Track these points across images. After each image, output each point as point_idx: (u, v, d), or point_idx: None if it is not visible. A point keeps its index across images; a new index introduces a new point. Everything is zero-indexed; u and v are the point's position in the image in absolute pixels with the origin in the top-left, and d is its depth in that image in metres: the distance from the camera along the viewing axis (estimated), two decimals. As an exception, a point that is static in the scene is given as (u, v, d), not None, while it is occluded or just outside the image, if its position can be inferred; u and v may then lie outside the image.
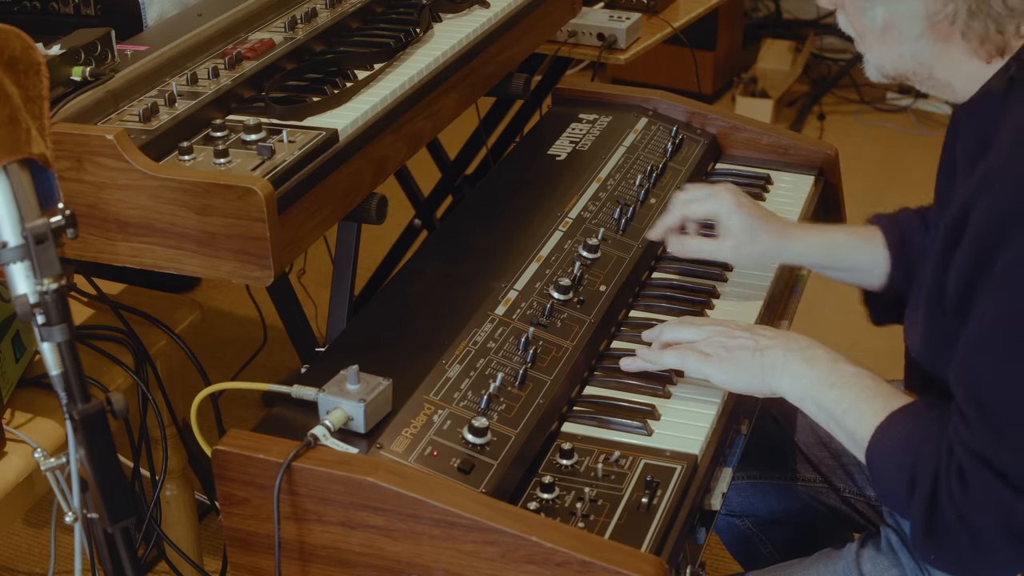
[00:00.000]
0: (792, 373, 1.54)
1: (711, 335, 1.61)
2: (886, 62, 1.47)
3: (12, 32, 1.19)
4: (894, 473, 1.42)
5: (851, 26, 1.48)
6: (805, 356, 1.54)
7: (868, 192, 4.21)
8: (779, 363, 1.55)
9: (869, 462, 1.46)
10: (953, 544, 1.38)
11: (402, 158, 1.85)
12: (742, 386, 1.58)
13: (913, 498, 1.40)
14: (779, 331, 1.61)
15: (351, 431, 1.46)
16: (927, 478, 1.38)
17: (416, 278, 1.79)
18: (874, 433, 1.45)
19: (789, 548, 1.96)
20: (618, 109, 2.25)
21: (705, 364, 1.59)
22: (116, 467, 1.20)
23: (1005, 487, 1.33)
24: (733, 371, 1.57)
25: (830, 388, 1.50)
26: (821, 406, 1.51)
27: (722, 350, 1.58)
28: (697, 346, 1.61)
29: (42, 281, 1.13)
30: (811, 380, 1.52)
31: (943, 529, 1.38)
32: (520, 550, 1.34)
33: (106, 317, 2.00)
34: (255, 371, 3.14)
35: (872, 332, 2.02)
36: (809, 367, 1.53)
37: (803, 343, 1.56)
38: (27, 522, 2.77)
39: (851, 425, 1.48)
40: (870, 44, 1.47)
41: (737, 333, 1.59)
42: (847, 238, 1.82)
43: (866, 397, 1.48)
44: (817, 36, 5.24)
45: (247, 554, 1.49)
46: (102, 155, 1.52)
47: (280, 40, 1.89)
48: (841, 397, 1.49)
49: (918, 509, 1.39)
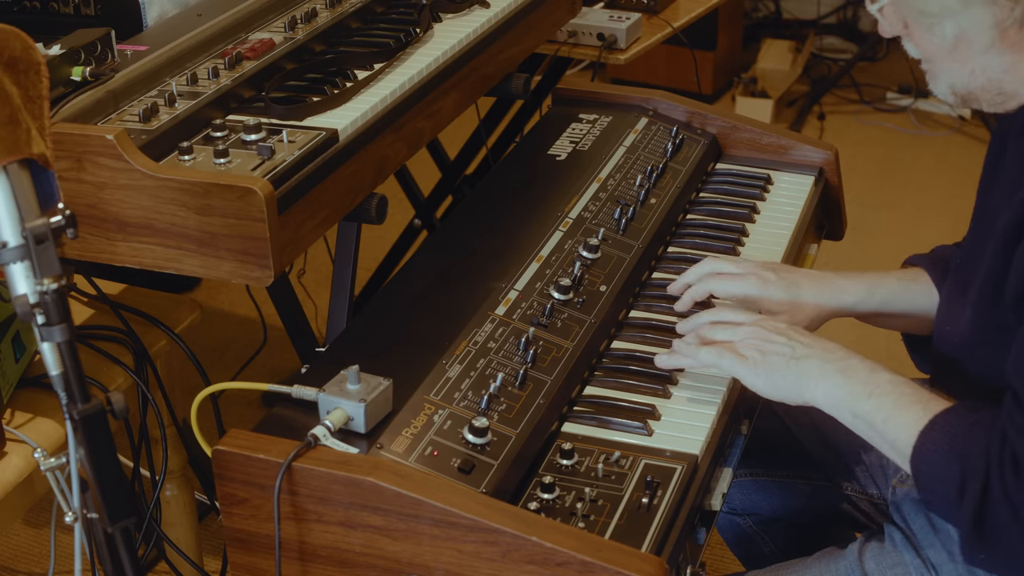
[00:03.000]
0: (829, 384, 1.52)
1: (748, 335, 1.59)
2: (958, 80, 1.46)
3: (12, 32, 1.19)
4: (943, 476, 1.41)
5: (918, 49, 1.47)
6: (841, 367, 1.52)
7: (868, 192, 4.21)
8: (815, 374, 1.53)
9: (915, 468, 1.44)
10: (1006, 540, 1.37)
11: (402, 158, 1.85)
12: (775, 392, 1.57)
13: (964, 498, 1.38)
14: (816, 338, 1.58)
15: (351, 431, 1.46)
16: (978, 476, 1.37)
17: (416, 278, 1.79)
18: (918, 438, 1.44)
19: (791, 547, 1.96)
20: (618, 109, 2.25)
21: (740, 366, 1.57)
22: (116, 467, 1.20)
23: None
24: (767, 377, 1.56)
25: (868, 398, 1.49)
26: (859, 416, 1.50)
27: (757, 353, 1.56)
28: (728, 346, 1.59)
29: (42, 281, 1.13)
30: (848, 391, 1.51)
31: (996, 525, 1.37)
32: (520, 550, 1.33)
33: (106, 317, 2.00)
34: (255, 371, 3.14)
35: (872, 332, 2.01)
36: (845, 378, 1.51)
37: (840, 353, 1.54)
38: (27, 522, 2.77)
39: (892, 434, 1.47)
40: (941, 63, 1.46)
41: (774, 337, 1.57)
42: (899, 283, 1.78)
43: (905, 404, 1.47)
44: (817, 36, 5.24)
45: (247, 554, 1.49)
46: (102, 155, 1.52)
47: (280, 40, 1.89)
48: (880, 406, 1.48)
49: (968, 508, 1.38)
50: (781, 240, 2.00)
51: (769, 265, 1.78)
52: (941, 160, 4.43)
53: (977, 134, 4.54)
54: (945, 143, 4.54)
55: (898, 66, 4.97)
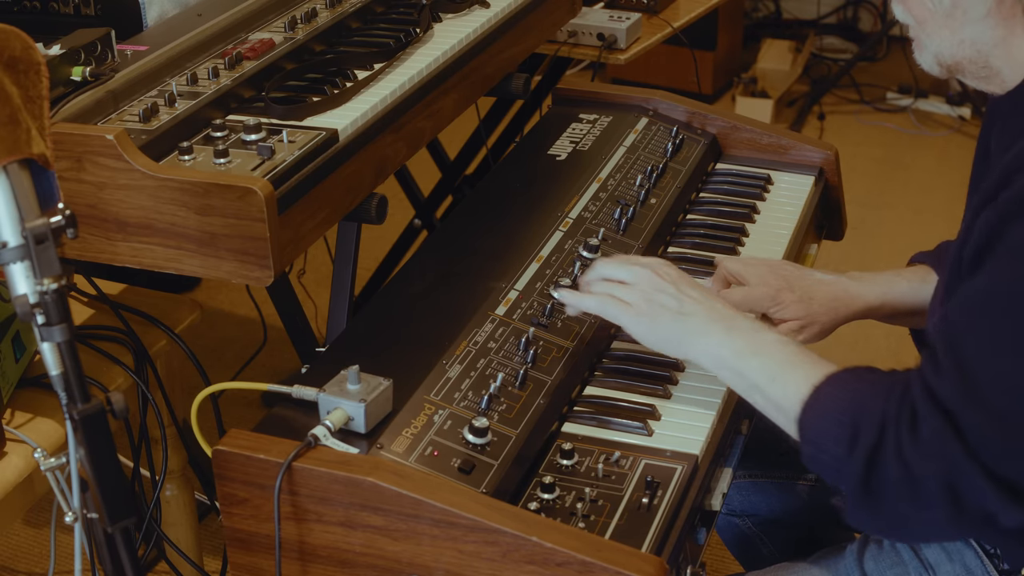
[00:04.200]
0: (712, 342, 1.51)
1: (638, 280, 1.57)
2: (945, 48, 1.45)
3: (12, 32, 1.19)
4: (833, 431, 1.39)
5: (910, 13, 1.46)
6: (727, 325, 1.52)
7: (868, 192, 4.21)
8: (699, 330, 1.52)
9: (803, 422, 1.42)
10: (891, 500, 1.35)
11: (402, 158, 1.85)
12: (656, 343, 1.56)
13: (854, 452, 1.36)
14: (705, 295, 1.56)
15: (351, 431, 1.46)
16: (872, 431, 1.35)
17: (416, 278, 1.79)
18: (811, 393, 1.42)
19: (790, 548, 1.96)
20: (618, 109, 2.25)
21: (623, 314, 1.56)
22: (116, 467, 1.20)
23: (958, 442, 1.30)
24: (650, 326, 1.55)
25: (753, 356, 1.48)
26: (742, 375, 1.49)
27: (643, 302, 1.55)
28: (620, 291, 1.58)
29: (42, 281, 1.13)
30: (731, 350, 1.50)
31: (883, 483, 1.35)
32: (520, 550, 1.33)
33: (106, 317, 2.00)
34: (255, 371, 3.14)
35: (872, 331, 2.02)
36: (729, 336, 1.51)
37: (726, 312, 1.54)
38: (27, 522, 2.77)
39: (776, 391, 1.46)
40: (931, 29, 1.45)
41: (663, 286, 1.56)
42: (908, 284, 1.78)
43: (793, 363, 1.46)
44: (817, 36, 5.25)
45: (247, 554, 1.49)
46: (102, 155, 1.52)
47: (280, 40, 1.89)
48: (765, 365, 1.47)
49: (858, 464, 1.36)
50: (781, 240, 2.00)
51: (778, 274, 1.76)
52: (941, 160, 4.43)
53: (977, 134, 4.53)
54: (945, 143, 4.54)
55: (898, 66, 4.97)
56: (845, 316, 1.76)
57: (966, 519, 1.34)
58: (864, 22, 5.32)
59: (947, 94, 4.71)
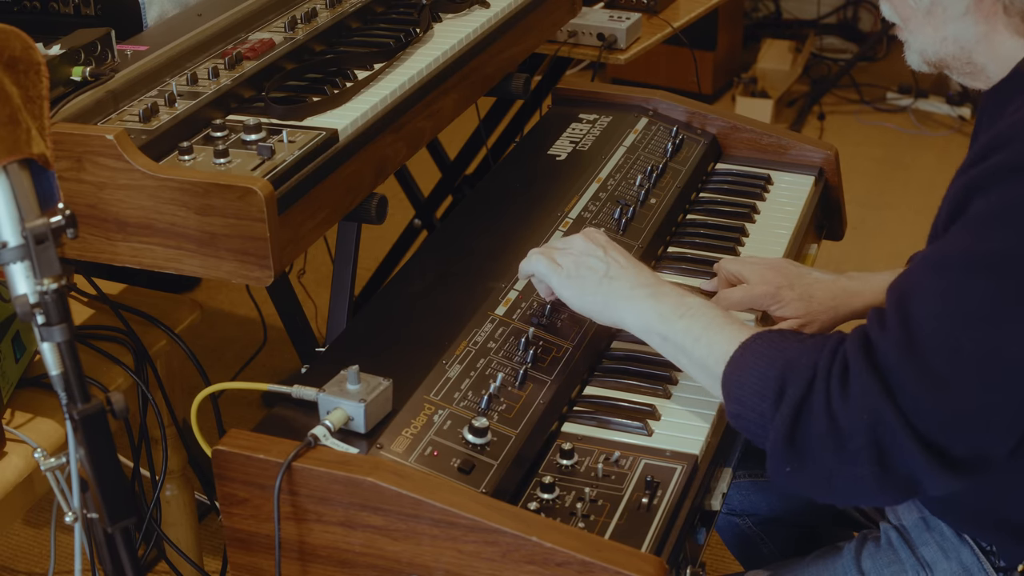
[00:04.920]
0: (639, 308, 1.53)
1: (570, 245, 1.61)
2: (929, 46, 1.46)
3: (12, 32, 1.19)
4: (759, 385, 1.39)
5: (895, 12, 1.48)
6: (652, 292, 1.54)
7: (868, 192, 4.21)
8: (624, 295, 1.54)
9: (727, 380, 1.43)
10: (815, 453, 1.35)
11: (402, 158, 1.85)
12: (583, 307, 1.59)
13: (780, 405, 1.36)
14: (633, 262, 1.59)
15: (351, 431, 1.46)
16: (799, 385, 1.35)
17: (416, 278, 1.79)
18: (736, 351, 1.43)
19: (789, 547, 1.96)
20: (618, 109, 2.25)
21: (554, 274, 1.60)
22: (116, 467, 1.20)
23: (888, 399, 1.30)
24: (577, 289, 1.58)
25: (679, 319, 1.50)
26: (668, 338, 1.51)
27: (572, 265, 1.58)
28: (554, 254, 1.61)
29: (42, 281, 1.13)
30: (657, 314, 1.52)
31: (808, 436, 1.35)
32: (520, 550, 1.34)
33: (106, 317, 2.00)
34: (255, 371, 3.14)
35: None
36: (656, 301, 1.52)
37: (652, 279, 1.56)
38: (27, 522, 2.77)
39: (701, 352, 1.47)
40: (914, 27, 1.46)
41: (592, 250, 1.59)
42: None
43: (717, 325, 1.48)
44: (817, 36, 5.25)
45: (247, 554, 1.49)
46: (102, 155, 1.52)
47: (280, 40, 1.89)
48: (690, 327, 1.49)
49: (784, 417, 1.35)
50: (781, 240, 2.00)
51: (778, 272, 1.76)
52: (941, 160, 4.43)
53: (977, 134, 4.53)
54: (945, 143, 4.54)
55: (898, 66, 4.96)
56: (844, 315, 1.76)
57: (891, 480, 1.34)
58: (864, 22, 5.32)
59: (947, 94, 4.71)
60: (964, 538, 1.57)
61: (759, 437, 1.42)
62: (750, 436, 1.45)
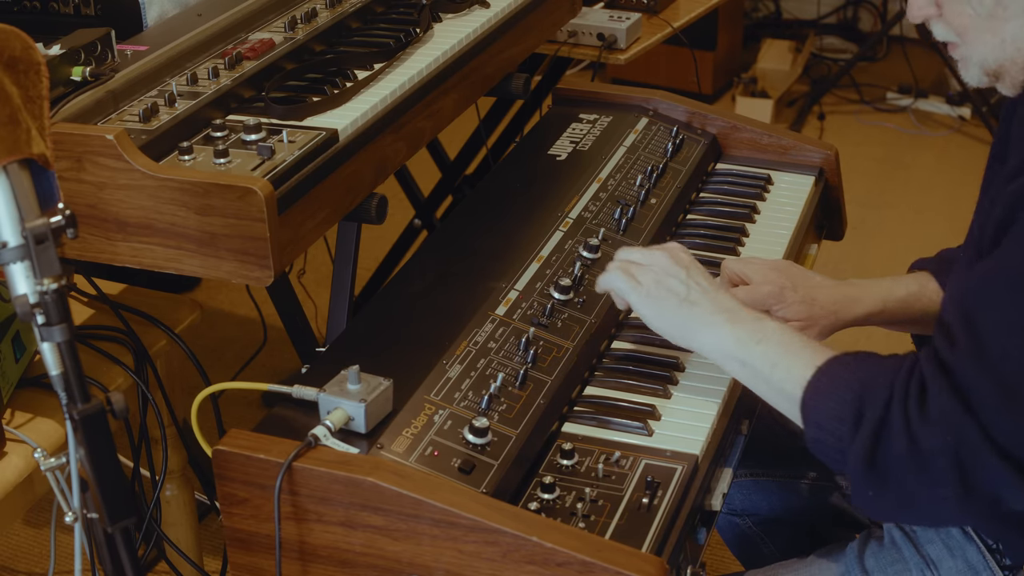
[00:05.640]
0: (716, 333, 1.52)
1: (652, 262, 1.59)
2: (989, 53, 1.43)
3: (12, 32, 1.19)
4: (837, 409, 1.39)
5: (950, 28, 1.46)
6: (730, 317, 1.53)
7: (868, 192, 4.21)
8: (703, 320, 1.53)
9: (805, 405, 1.42)
10: (897, 476, 1.35)
11: (402, 158, 1.85)
12: (660, 327, 1.58)
13: (859, 428, 1.36)
14: (715, 286, 1.58)
15: (352, 431, 1.46)
16: (878, 406, 1.35)
17: (416, 278, 1.79)
18: (813, 375, 1.42)
19: (790, 547, 1.96)
20: (618, 109, 2.25)
21: (632, 291, 1.58)
22: (116, 467, 1.20)
23: (969, 418, 1.30)
24: (656, 310, 1.57)
25: (756, 344, 1.49)
26: (746, 363, 1.50)
27: (653, 284, 1.57)
28: (634, 270, 1.59)
29: (42, 281, 1.13)
30: (735, 339, 1.51)
31: (889, 458, 1.34)
32: (520, 550, 1.33)
33: (106, 317, 2.00)
34: (255, 371, 3.14)
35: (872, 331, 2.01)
36: (733, 326, 1.52)
37: (731, 304, 1.55)
38: (27, 522, 2.77)
39: (780, 376, 1.46)
40: (972, 38, 1.44)
41: (675, 271, 1.57)
42: (907, 291, 1.78)
43: (795, 349, 1.47)
44: (817, 36, 5.25)
45: (247, 554, 1.49)
46: (102, 155, 1.52)
47: (280, 40, 1.89)
48: (767, 352, 1.48)
49: (864, 438, 1.35)
50: (781, 240, 2.00)
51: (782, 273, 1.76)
52: (941, 160, 4.43)
53: (977, 134, 4.53)
54: (945, 143, 4.54)
55: (898, 66, 4.97)
56: (845, 321, 1.76)
57: (974, 498, 1.34)
58: (864, 22, 5.32)
59: (947, 94, 4.71)
60: (970, 536, 1.57)
61: (838, 462, 1.42)
62: (829, 462, 1.46)
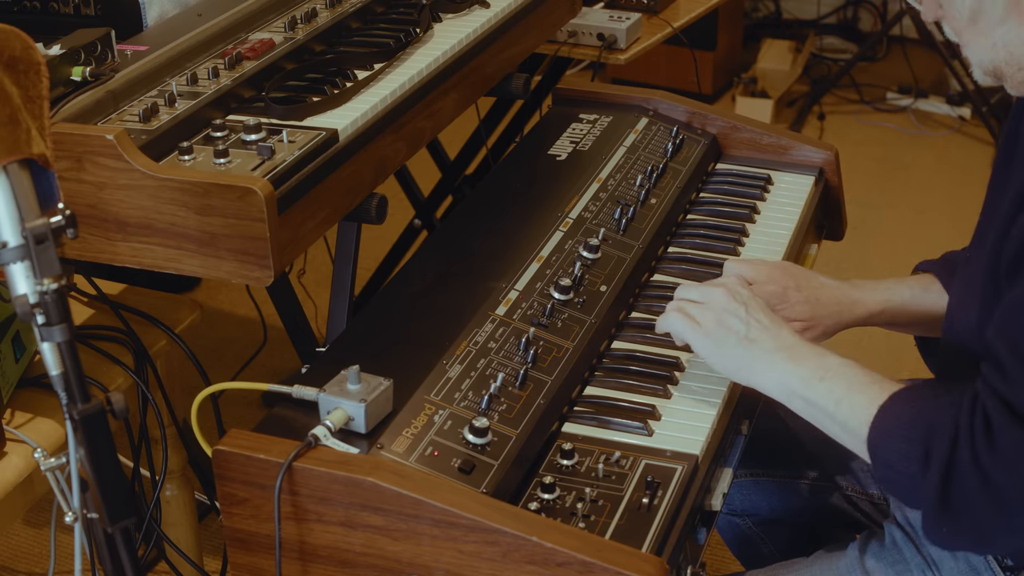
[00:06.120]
0: (778, 371, 1.52)
1: (711, 299, 1.58)
2: (984, 55, 1.44)
3: (12, 32, 1.19)
4: (904, 447, 1.38)
5: (952, 29, 1.47)
6: (791, 354, 1.52)
7: (868, 192, 4.21)
8: (764, 360, 1.53)
9: (872, 444, 1.42)
10: (971, 511, 1.34)
11: (402, 158, 1.85)
12: (720, 367, 1.57)
13: (929, 467, 1.35)
14: (774, 322, 1.57)
15: (352, 431, 1.46)
16: (944, 444, 1.34)
17: (416, 278, 1.79)
18: (877, 414, 1.42)
19: (790, 548, 1.96)
20: (618, 109, 2.25)
21: (692, 332, 1.58)
22: (116, 467, 1.20)
23: None
24: (716, 349, 1.56)
25: (819, 382, 1.48)
26: (811, 401, 1.49)
27: (712, 323, 1.56)
28: (692, 309, 1.59)
29: (42, 281, 1.13)
30: (798, 378, 1.50)
31: (962, 495, 1.34)
32: (521, 550, 1.33)
33: (106, 317, 2.00)
34: (255, 371, 3.14)
35: (873, 332, 2.02)
36: (795, 364, 1.51)
37: (791, 341, 1.54)
38: (27, 522, 2.77)
39: (844, 414, 1.46)
40: (968, 39, 1.45)
41: (735, 308, 1.56)
42: (911, 293, 1.78)
43: (858, 386, 1.46)
44: (817, 36, 5.25)
45: (247, 554, 1.49)
46: (102, 155, 1.52)
47: (280, 40, 1.89)
48: (832, 389, 1.47)
49: (934, 479, 1.35)
50: (781, 240, 2.00)
51: (785, 273, 1.75)
52: (941, 160, 4.43)
53: (977, 134, 4.53)
54: (945, 143, 4.54)
55: (898, 66, 4.97)
56: (848, 321, 1.76)
57: None
58: (864, 22, 5.32)
59: (947, 94, 4.71)
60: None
61: (911, 500, 1.43)
62: (902, 500, 1.46)
